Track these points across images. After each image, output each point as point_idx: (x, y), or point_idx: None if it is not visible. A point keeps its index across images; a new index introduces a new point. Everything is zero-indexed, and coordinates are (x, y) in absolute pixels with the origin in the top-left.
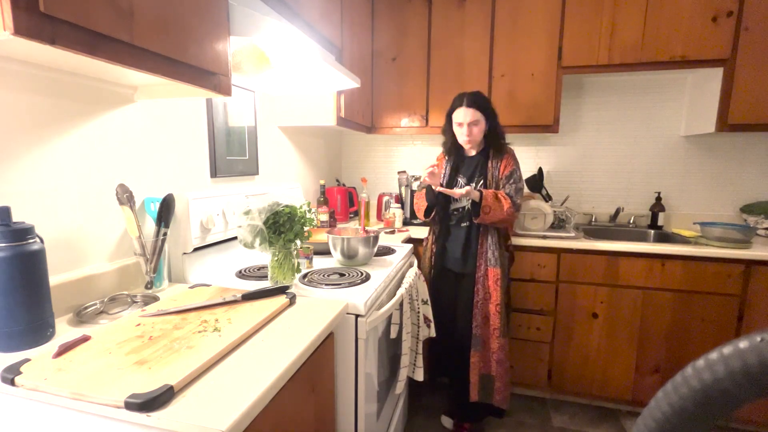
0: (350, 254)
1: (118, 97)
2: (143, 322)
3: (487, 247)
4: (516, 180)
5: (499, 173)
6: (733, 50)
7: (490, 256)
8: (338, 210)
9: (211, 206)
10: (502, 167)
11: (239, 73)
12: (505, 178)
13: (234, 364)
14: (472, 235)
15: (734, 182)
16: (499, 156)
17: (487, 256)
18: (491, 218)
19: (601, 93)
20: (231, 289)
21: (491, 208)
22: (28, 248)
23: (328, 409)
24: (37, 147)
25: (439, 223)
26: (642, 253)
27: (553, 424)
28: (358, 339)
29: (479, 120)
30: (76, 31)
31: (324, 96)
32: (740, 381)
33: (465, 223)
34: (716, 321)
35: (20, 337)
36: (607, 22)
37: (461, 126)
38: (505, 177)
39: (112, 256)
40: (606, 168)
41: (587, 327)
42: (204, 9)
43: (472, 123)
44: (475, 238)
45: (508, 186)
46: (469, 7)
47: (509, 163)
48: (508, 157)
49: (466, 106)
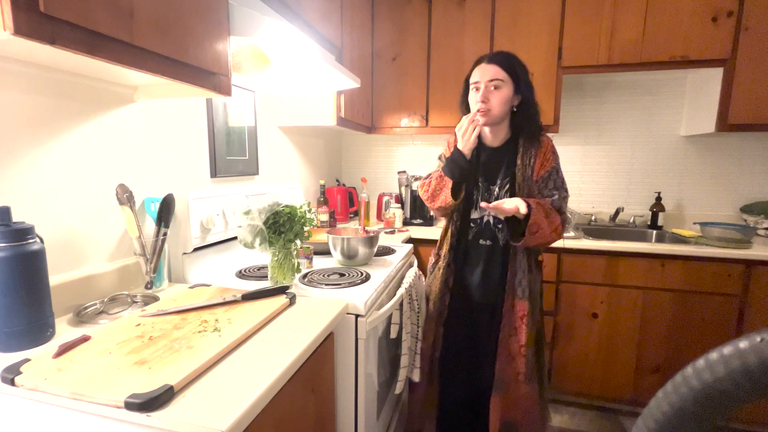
0: (350, 254)
1: (118, 97)
2: (143, 322)
3: (516, 274)
4: (560, 184)
5: (533, 173)
6: (733, 50)
7: (517, 285)
8: (338, 210)
9: (211, 206)
10: (538, 165)
11: (239, 73)
12: (542, 181)
13: (234, 364)
14: (496, 257)
15: (734, 182)
16: (533, 148)
17: (514, 286)
18: (536, 241)
19: (601, 93)
20: (231, 289)
21: (539, 227)
22: (28, 248)
23: (328, 409)
24: (37, 147)
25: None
26: (642, 253)
27: (553, 424)
28: (358, 339)
29: (504, 83)
30: (76, 31)
31: (324, 96)
32: (740, 381)
33: (486, 240)
34: (716, 321)
35: (20, 337)
36: (607, 22)
37: (477, 89)
38: (542, 179)
39: (112, 256)
40: (606, 168)
41: (587, 327)
42: (204, 9)
43: (492, 83)
44: (500, 262)
45: (548, 192)
46: (469, 7)
47: (548, 159)
48: (546, 151)
49: (487, 62)
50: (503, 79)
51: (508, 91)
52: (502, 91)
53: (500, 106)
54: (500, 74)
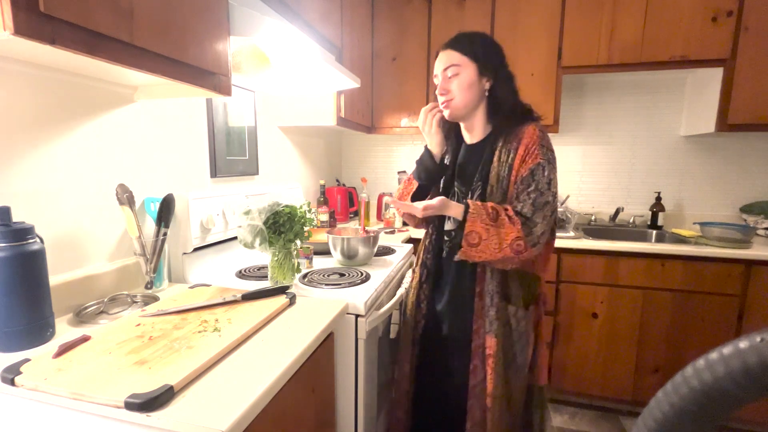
0: (350, 254)
1: (118, 97)
2: (143, 322)
3: (483, 299)
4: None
5: (512, 172)
6: (733, 50)
7: (485, 315)
8: (338, 210)
9: (211, 206)
10: (518, 161)
11: (239, 73)
12: (522, 182)
13: (234, 364)
14: (465, 278)
15: (734, 182)
16: (515, 141)
17: (483, 316)
18: (481, 256)
19: (601, 93)
20: (231, 289)
21: (480, 239)
22: (28, 248)
23: (328, 409)
24: (37, 147)
25: (431, 251)
26: (642, 253)
27: (553, 424)
28: (358, 339)
29: (461, 67)
30: (76, 31)
31: (324, 96)
32: (740, 381)
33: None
34: (716, 321)
35: (20, 337)
36: (607, 22)
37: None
38: (522, 179)
39: (112, 256)
40: (606, 168)
41: (587, 327)
42: (204, 9)
43: (447, 71)
44: (470, 283)
45: (523, 196)
46: (469, 7)
47: (532, 154)
48: (530, 143)
49: (442, 49)
50: (460, 64)
51: (468, 75)
52: (461, 77)
53: (461, 92)
54: (456, 59)
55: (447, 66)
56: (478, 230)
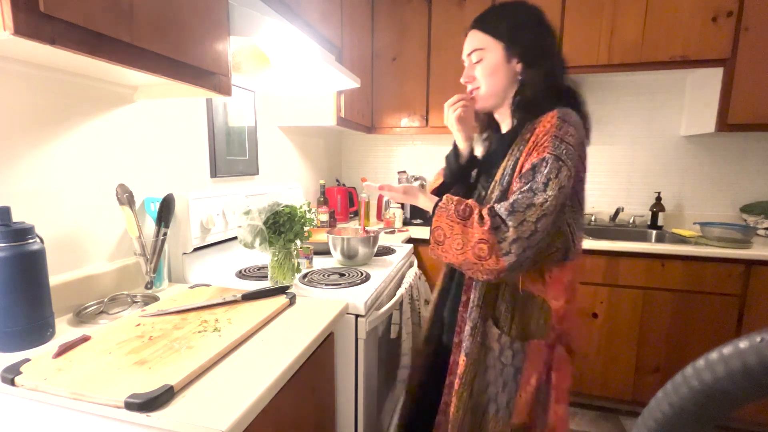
0: (350, 254)
1: (118, 97)
2: (143, 322)
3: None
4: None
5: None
6: (733, 50)
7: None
8: (338, 210)
9: (211, 206)
10: (524, 154)
11: (239, 73)
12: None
13: (234, 364)
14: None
15: (734, 182)
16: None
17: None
18: (447, 256)
19: (601, 93)
20: (231, 289)
21: (445, 236)
22: (28, 248)
23: (328, 410)
24: (37, 147)
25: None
26: (642, 253)
27: None
28: (358, 339)
29: (486, 50)
30: (76, 31)
31: (324, 96)
32: (740, 381)
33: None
34: (716, 321)
35: (20, 337)
36: (607, 22)
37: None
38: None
39: (112, 256)
40: (606, 168)
41: (587, 327)
42: (204, 9)
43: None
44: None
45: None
46: (469, 7)
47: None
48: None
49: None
50: (484, 47)
51: (493, 58)
52: (485, 62)
53: (486, 79)
54: (478, 41)
55: (471, 51)
56: (443, 227)
